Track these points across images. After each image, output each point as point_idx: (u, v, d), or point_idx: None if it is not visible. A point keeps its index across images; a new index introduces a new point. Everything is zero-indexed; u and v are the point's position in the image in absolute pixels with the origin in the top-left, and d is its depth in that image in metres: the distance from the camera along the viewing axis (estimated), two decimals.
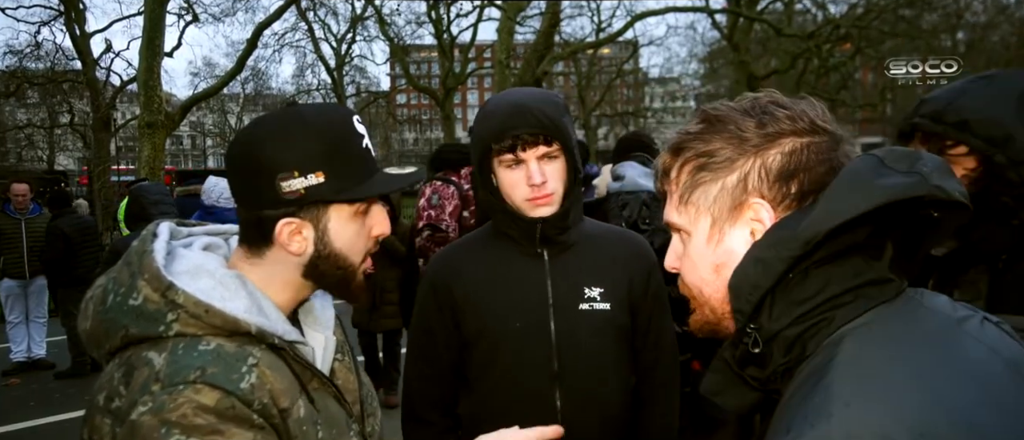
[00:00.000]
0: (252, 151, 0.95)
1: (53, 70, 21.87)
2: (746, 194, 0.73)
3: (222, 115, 39.09)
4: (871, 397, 0.57)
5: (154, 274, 0.89)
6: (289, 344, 0.96)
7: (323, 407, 0.99)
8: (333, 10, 25.57)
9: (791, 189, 0.71)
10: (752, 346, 0.71)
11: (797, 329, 0.68)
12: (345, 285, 1.02)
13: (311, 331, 1.09)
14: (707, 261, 0.77)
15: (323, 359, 1.08)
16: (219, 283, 0.93)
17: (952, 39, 20.89)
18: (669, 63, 42.63)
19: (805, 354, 0.68)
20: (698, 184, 0.76)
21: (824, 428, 0.56)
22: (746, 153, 0.73)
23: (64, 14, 19.78)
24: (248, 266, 0.99)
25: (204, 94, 19.49)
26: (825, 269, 0.68)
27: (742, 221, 0.74)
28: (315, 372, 0.99)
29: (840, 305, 0.67)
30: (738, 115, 0.75)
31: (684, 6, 20.13)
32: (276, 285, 0.99)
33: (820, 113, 0.75)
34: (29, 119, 27.98)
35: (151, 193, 3.92)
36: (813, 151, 0.72)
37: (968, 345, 0.63)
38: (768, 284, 0.68)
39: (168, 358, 0.85)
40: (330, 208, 0.97)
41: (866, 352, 0.63)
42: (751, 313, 0.70)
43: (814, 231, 0.65)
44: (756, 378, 0.73)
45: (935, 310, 0.68)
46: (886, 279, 0.69)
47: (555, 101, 1.39)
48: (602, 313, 1.41)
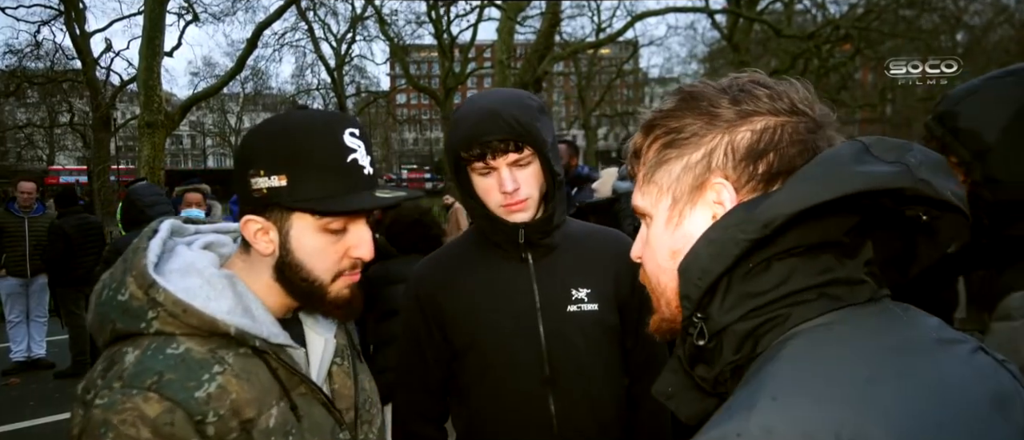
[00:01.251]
0: (243, 145, 0.97)
1: (53, 69, 21.87)
2: (709, 172, 0.66)
3: (222, 115, 39.09)
4: (802, 393, 0.52)
5: (140, 272, 0.90)
6: (274, 347, 0.94)
7: (307, 414, 0.97)
8: (333, 10, 25.59)
9: (758, 169, 0.64)
10: (697, 337, 0.64)
11: (749, 324, 0.61)
12: (313, 298, 0.98)
13: (311, 333, 1.07)
14: (665, 246, 0.69)
15: (320, 363, 1.06)
16: (206, 282, 0.93)
17: (952, 40, 20.90)
18: (669, 63, 42.61)
19: (755, 352, 0.61)
20: (662, 161, 0.70)
21: (741, 420, 0.51)
22: (715, 129, 0.67)
23: (64, 13, 19.77)
24: (241, 263, 1.00)
25: (204, 94, 19.49)
26: (790, 262, 0.61)
27: (703, 202, 0.67)
28: (302, 378, 0.98)
29: (800, 302, 0.60)
30: (714, 91, 0.69)
31: (684, 6, 20.14)
32: (265, 282, 0.98)
33: (804, 95, 0.68)
34: (29, 119, 27.99)
35: (145, 195, 3.88)
36: (788, 131, 0.65)
37: (946, 366, 0.56)
38: (719, 269, 0.61)
39: (138, 357, 0.86)
40: (293, 215, 0.94)
41: (813, 351, 0.57)
42: (699, 300, 0.63)
43: (775, 213, 0.58)
44: (705, 379, 0.66)
45: (914, 325, 0.61)
46: (857, 280, 0.62)
47: (527, 104, 1.33)
48: (590, 314, 1.40)
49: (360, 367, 1.16)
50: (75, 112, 26.07)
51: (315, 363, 1.05)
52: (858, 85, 27.75)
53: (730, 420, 0.53)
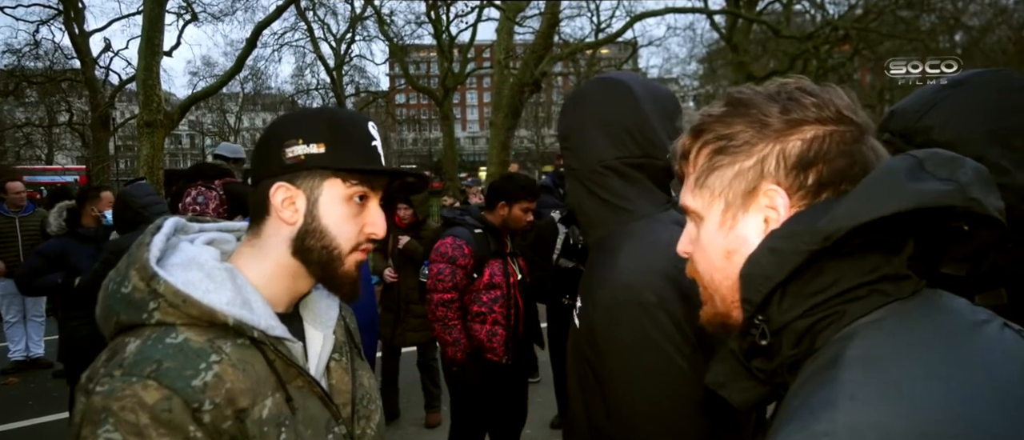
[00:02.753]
0: (271, 126, 1.04)
1: (52, 69, 21.83)
2: (761, 179, 0.71)
3: (221, 114, 39.04)
4: (878, 392, 0.56)
5: (142, 265, 0.93)
6: (272, 339, 0.97)
7: (302, 406, 0.99)
8: (332, 10, 25.62)
9: (808, 179, 0.69)
10: (760, 338, 0.68)
11: (807, 321, 0.66)
12: (330, 269, 1.02)
13: (311, 328, 1.10)
14: (719, 247, 0.74)
15: (319, 357, 1.08)
16: (207, 275, 0.96)
17: (950, 41, 20.93)
18: (668, 64, 42.76)
19: (814, 347, 0.65)
20: (715, 167, 0.74)
21: (827, 420, 0.55)
22: (766, 138, 0.71)
23: (63, 13, 19.75)
24: (247, 252, 1.03)
25: (203, 93, 19.45)
26: (840, 262, 0.65)
27: (755, 207, 0.71)
28: (299, 370, 1.00)
29: (853, 299, 0.65)
30: (762, 99, 0.73)
31: (683, 7, 20.14)
32: (270, 270, 1.02)
33: (848, 102, 0.72)
34: (28, 118, 27.94)
35: (140, 196, 3.79)
36: (835, 141, 0.69)
37: (985, 347, 0.60)
38: (781, 277, 0.65)
39: (139, 346, 0.89)
40: (325, 182, 1.00)
41: (877, 347, 0.60)
42: (760, 304, 0.68)
43: (836, 227, 0.62)
44: (762, 370, 0.71)
45: (952, 311, 0.65)
46: (903, 276, 0.66)
47: (568, 104, 1.47)
48: (575, 326, 1.47)
49: (359, 363, 1.18)
50: (74, 112, 26.05)
51: (313, 357, 1.08)
52: (857, 86, 27.79)
53: (816, 420, 0.56)
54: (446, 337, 3.23)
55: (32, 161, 29.33)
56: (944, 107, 1.12)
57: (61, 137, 32.52)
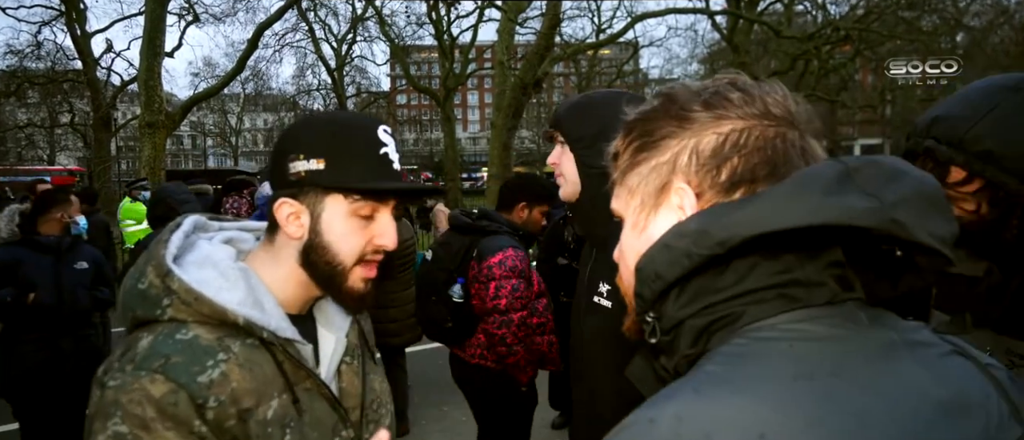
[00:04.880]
0: (282, 135, 1.04)
1: (54, 70, 21.91)
2: (672, 175, 0.66)
3: (222, 115, 39.11)
4: (727, 388, 0.52)
5: (158, 262, 0.95)
6: (281, 341, 0.98)
7: (309, 408, 1.00)
8: (334, 11, 25.66)
9: (720, 176, 0.63)
10: (650, 335, 0.64)
11: (704, 319, 0.61)
12: (334, 283, 1.02)
13: (324, 331, 1.10)
14: (633, 249, 0.69)
15: (330, 360, 1.08)
16: (221, 274, 0.97)
17: (952, 41, 20.91)
18: (669, 64, 42.67)
19: (708, 348, 0.61)
20: (634, 164, 0.69)
21: (660, 407, 0.52)
22: (684, 132, 0.66)
23: (65, 14, 19.81)
24: (263, 254, 1.04)
25: (205, 94, 19.50)
26: (750, 259, 0.60)
27: (667, 206, 0.66)
28: (308, 372, 1.01)
29: (756, 301, 0.59)
30: (689, 94, 0.68)
31: (684, 7, 20.18)
32: (283, 274, 1.02)
33: (781, 98, 0.66)
34: (30, 119, 28.01)
35: (177, 194, 3.81)
36: (755, 136, 0.63)
37: (890, 370, 0.55)
38: (672, 276, 0.61)
39: (151, 342, 0.90)
40: (327, 198, 0.99)
41: (754, 348, 0.56)
42: (652, 301, 0.63)
43: (731, 233, 0.57)
44: (666, 369, 0.67)
45: (873, 327, 0.59)
46: (816, 282, 0.60)
47: (580, 98, 1.51)
48: (604, 310, 1.45)
49: (371, 367, 1.18)
50: (76, 112, 26.11)
51: (325, 360, 1.08)
52: (858, 86, 27.79)
53: (650, 407, 0.53)
54: (530, 358, 3.00)
55: (33, 161, 29.38)
56: (999, 115, 1.03)
57: (63, 138, 32.59)
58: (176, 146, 46.22)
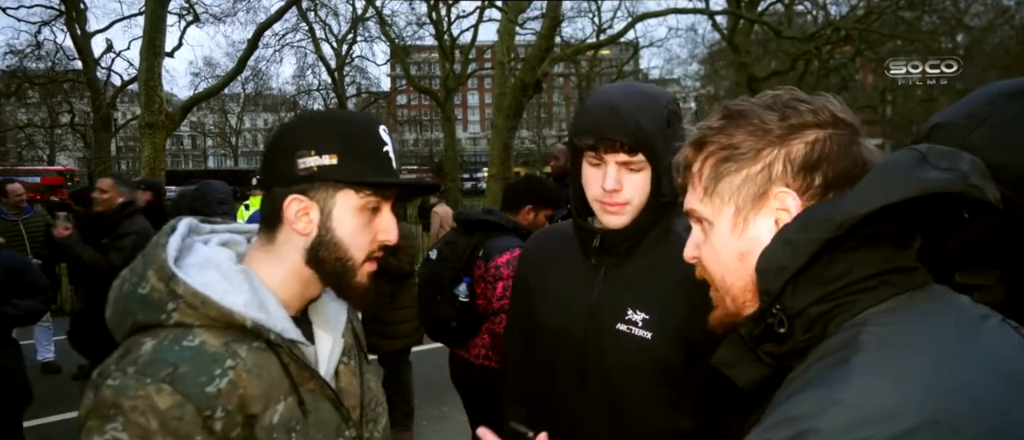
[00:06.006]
0: (282, 133, 1.03)
1: (54, 70, 21.89)
2: (770, 183, 0.75)
3: (223, 115, 39.14)
4: (890, 371, 0.60)
5: (161, 265, 0.93)
6: (287, 342, 0.97)
7: (314, 409, 1.00)
8: (334, 11, 25.64)
9: (815, 180, 0.73)
10: (778, 326, 0.72)
11: (821, 308, 0.70)
12: (343, 280, 1.02)
13: (320, 332, 1.10)
14: (731, 249, 0.79)
15: (329, 361, 1.09)
16: (224, 277, 0.96)
17: (952, 42, 20.91)
18: (669, 64, 42.77)
19: (826, 333, 0.69)
20: (723, 175, 0.78)
21: (840, 389, 0.59)
22: (770, 144, 0.75)
23: (65, 14, 19.79)
24: (261, 256, 1.03)
25: (205, 94, 19.50)
26: (853, 253, 0.70)
27: (766, 210, 0.75)
28: (313, 373, 1.01)
29: (864, 290, 0.69)
30: (760, 109, 0.77)
31: (685, 8, 20.17)
32: (283, 275, 1.01)
33: (840, 106, 0.77)
34: (29, 119, 28.02)
35: (219, 192, 3.84)
36: (835, 142, 0.74)
37: (989, 337, 0.65)
38: (796, 266, 0.70)
39: (155, 346, 0.89)
40: (338, 193, 0.99)
41: (889, 332, 0.65)
42: (777, 294, 0.72)
43: (849, 214, 0.66)
44: (771, 354, 0.75)
45: (959, 303, 0.70)
46: (912, 268, 0.71)
47: (655, 108, 1.28)
48: (640, 341, 1.33)
49: (366, 366, 1.19)
50: (76, 112, 26.11)
51: (323, 360, 1.08)
52: (858, 86, 27.78)
53: (828, 391, 0.60)
54: None
55: (34, 162, 29.39)
56: (995, 123, 1.03)
57: (63, 138, 32.60)
58: (176, 146, 46.21)
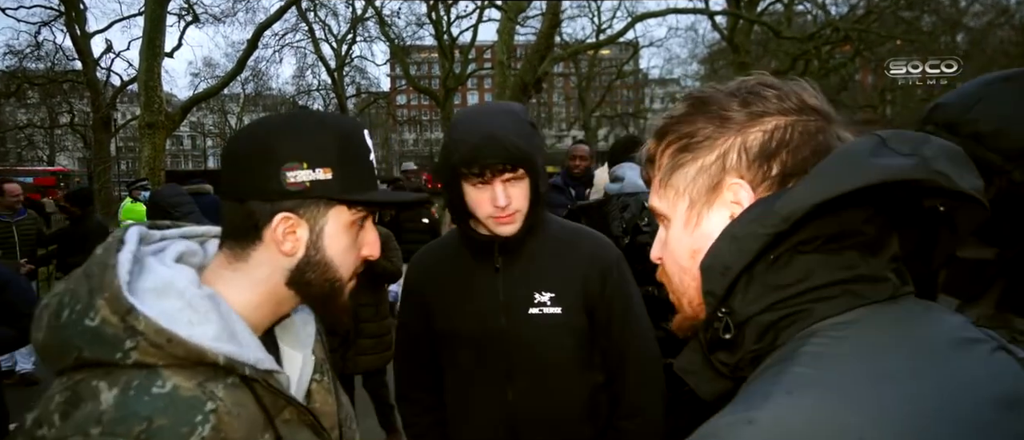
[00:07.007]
0: (261, 138, 0.89)
1: (53, 70, 21.92)
2: (724, 173, 0.68)
3: (222, 115, 39.08)
4: (818, 389, 0.54)
5: (114, 294, 0.78)
6: (262, 374, 0.87)
7: (292, 439, 0.92)
8: (333, 11, 25.65)
9: (771, 170, 0.66)
10: (723, 331, 0.65)
11: (772, 316, 0.63)
12: (330, 301, 0.94)
13: (288, 349, 1.01)
14: (685, 246, 0.72)
15: (300, 380, 0.99)
16: (188, 305, 0.83)
17: (952, 42, 20.91)
18: (669, 64, 42.73)
19: (776, 344, 0.62)
20: (678, 166, 0.72)
21: (757, 408, 0.53)
22: (728, 132, 0.69)
23: (64, 14, 19.80)
24: (228, 273, 0.91)
25: (204, 94, 19.52)
26: (812, 257, 0.62)
27: (720, 202, 0.69)
28: (289, 400, 0.91)
29: (823, 298, 0.61)
30: (723, 95, 0.71)
31: (685, 8, 20.18)
32: (255, 297, 0.91)
33: (811, 93, 0.70)
34: (29, 119, 28.03)
35: (169, 196, 3.60)
36: (798, 130, 0.67)
37: (958, 366, 0.57)
38: (741, 264, 0.63)
39: (118, 397, 0.76)
40: (330, 211, 0.90)
41: (833, 347, 0.58)
42: (723, 296, 0.64)
43: (795, 206, 0.59)
44: (725, 363, 0.68)
45: (932, 322, 0.62)
46: (880, 278, 0.62)
47: (524, 128, 1.44)
48: (553, 317, 1.50)
49: (336, 381, 1.09)
50: (75, 113, 26.13)
51: (294, 380, 0.98)
52: (858, 86, 27.78)
53: (747, 409, 0.54)
54: None
55: (34, 162, 29.39)
56: (991, 101, 1.12)
57: (63, 138, 32.60)
58: (176, 146, 46.20)
